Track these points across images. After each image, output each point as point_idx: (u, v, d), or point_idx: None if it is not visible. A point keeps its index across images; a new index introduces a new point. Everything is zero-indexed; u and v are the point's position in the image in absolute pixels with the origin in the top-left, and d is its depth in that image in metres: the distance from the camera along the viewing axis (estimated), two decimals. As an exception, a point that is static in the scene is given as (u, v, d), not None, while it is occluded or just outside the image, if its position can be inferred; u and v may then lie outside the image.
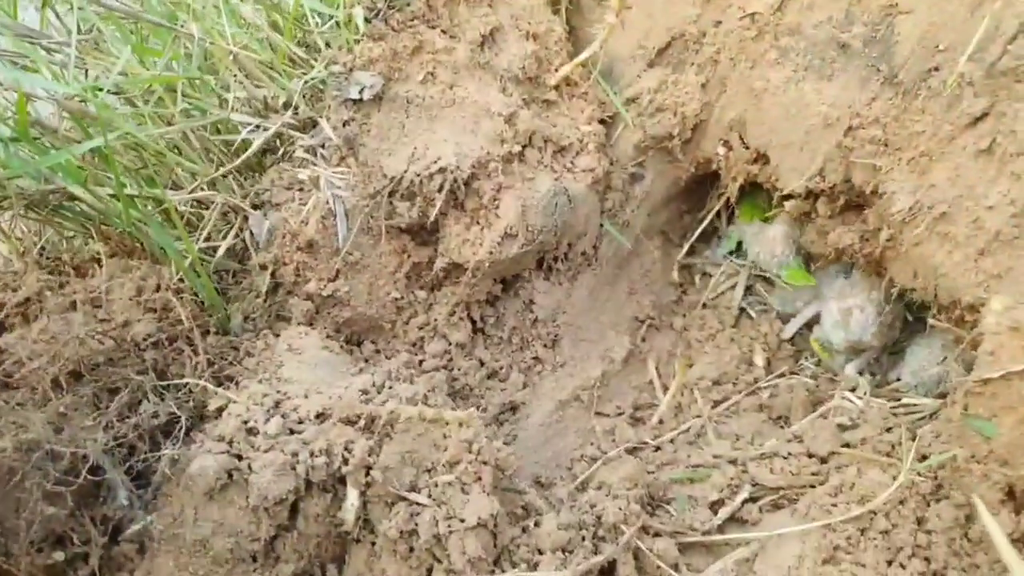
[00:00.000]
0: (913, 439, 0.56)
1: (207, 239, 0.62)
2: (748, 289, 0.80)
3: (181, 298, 0.59)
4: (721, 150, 0.71)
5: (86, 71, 0.63)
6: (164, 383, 0.55)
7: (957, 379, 0.54)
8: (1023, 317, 0.47)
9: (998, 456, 0.48)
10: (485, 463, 0.50)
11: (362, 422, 0.51)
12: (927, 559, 0.49)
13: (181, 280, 0.60)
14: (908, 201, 0.58)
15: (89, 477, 0.48)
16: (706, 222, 0.81)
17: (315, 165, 0.62)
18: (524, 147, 0.65)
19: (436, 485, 0.50)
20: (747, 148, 0.69)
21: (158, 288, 0.59)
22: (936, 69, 0.55)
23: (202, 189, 0.62)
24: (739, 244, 0.80)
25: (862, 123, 0.60)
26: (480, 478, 0.50)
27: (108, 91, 0.59)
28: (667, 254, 0.80)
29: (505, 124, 0.63)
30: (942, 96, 0.55)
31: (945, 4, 0.54)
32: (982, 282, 0.53)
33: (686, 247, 0.82)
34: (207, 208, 0.63)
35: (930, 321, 0.60)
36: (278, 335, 0.62)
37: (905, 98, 0.57)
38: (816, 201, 0.68)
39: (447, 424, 0.50)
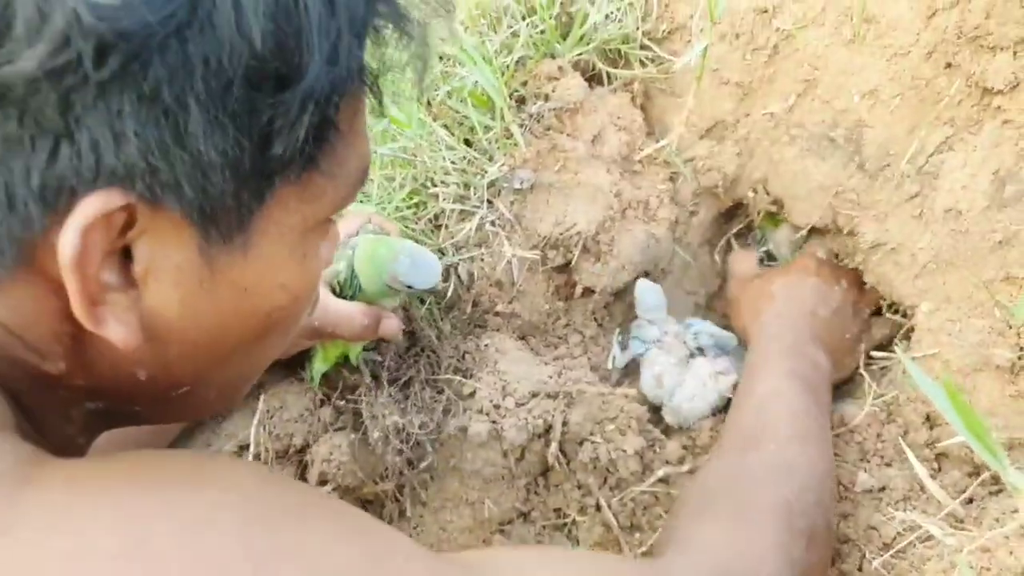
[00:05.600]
0: (873, 387, 0.93)
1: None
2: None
3: (424, 325, 0.96)
4: (750, 194, 1.06)
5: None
6: (432, 378, 0.93)
7: (901, 354, 0.91)
8: (936, 322, 0.84)
9: (920, 398, 0.85)
10: (631, 417, 0.88)
11: (560, 396, 0.88)
12: (882, 456, 0.87)
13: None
14: (872, 238, 0.93)
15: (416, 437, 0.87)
16: (736, 228, 1.16)
17: (497, 234, 0.97)
18: (625, 210, 1.00)
19: (605, 431, 0.88)
20: (768, 195, 1.04)
21: (410, 320, 0.96)
22: (888, 165, 0.90)
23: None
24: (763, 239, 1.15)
25: (843, 191, 0.95)
26: (631, 426, 0.88)
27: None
28: (712, 256, 1.17)
29: (614, 198, 0.99)
30: (892, 181, 0.90)
31: (893, 127, 0.88)
32: (916, 294, 0.90)
33: (723, 241, 1.16)
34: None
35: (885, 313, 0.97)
36: (479, 338, 0.98)
37: (870, 180, 0.92)
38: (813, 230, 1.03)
39: (613, 396, 0.88)
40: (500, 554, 0.69)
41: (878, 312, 1.01)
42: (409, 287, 0.82)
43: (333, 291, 0.86)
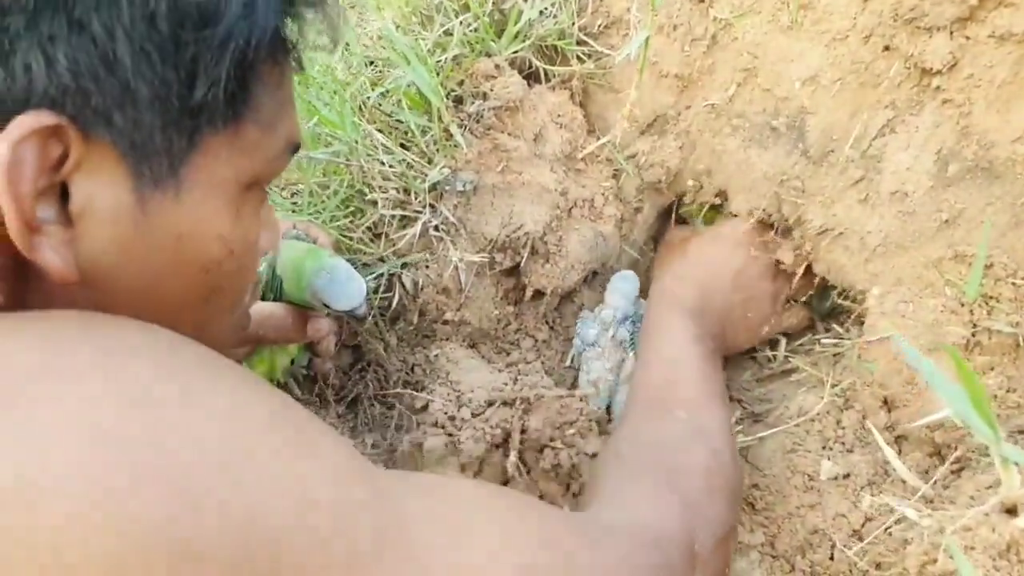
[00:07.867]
0: (829, 374, 0.93)
1: (375, 292, 0.94)
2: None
3: (369, 338, 0.91)
4: (694, 187, 1.05)
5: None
6: (381, 394, 0.88)
7: (854, 339, 0.91)
8: (888, 305, 0.84)
9: (877, 382, 0.85)
10: (591, 419, 0.85)
11: (517, 403, 0.85)
12: (843, 443, 0.86)
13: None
14: (819, 225, 0.93)
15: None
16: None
17: (441, 239, 0.94)
18: (571, 208, 0.98)
19: (565, 435, 0.84)
20: (712, 187, 1.03)
21: (355, 335, 0.91)
22: (832, 151, 0.90)
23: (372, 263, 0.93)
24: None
25: (788, 179, 0.94)
26: (592, 428, 0.85)
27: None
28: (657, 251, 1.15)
29: (560, 196, 0.96)
30: (836, 166, 0.90)
31: (835, 112, 0.88)
32: (867, 278, 0.90)
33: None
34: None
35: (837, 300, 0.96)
36: (427, 349, 0.94)
37: (815, 166, 0.92)
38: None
39: (571, 398, 0.85)
40: (423, 478, 0.55)
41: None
42: (326, 306, 0.79)
43: None
